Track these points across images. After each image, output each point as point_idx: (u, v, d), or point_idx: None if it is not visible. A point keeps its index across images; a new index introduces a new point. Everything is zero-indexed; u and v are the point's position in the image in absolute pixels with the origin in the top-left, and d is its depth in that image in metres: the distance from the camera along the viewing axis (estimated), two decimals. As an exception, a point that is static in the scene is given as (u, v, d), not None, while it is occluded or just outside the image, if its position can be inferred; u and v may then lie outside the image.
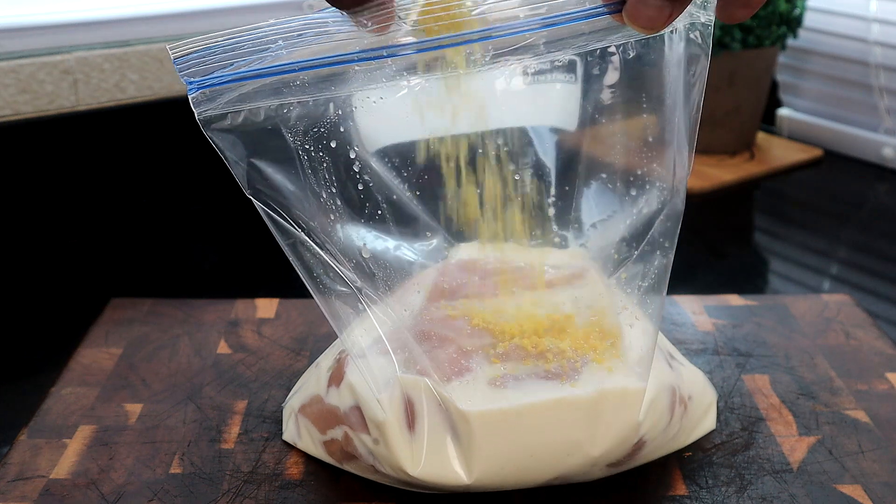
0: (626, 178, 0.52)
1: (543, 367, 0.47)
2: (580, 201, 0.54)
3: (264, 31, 0.42)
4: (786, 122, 1.12)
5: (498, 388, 0.46)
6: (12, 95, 0.76)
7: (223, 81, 0.42)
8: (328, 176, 0.47)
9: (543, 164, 0.54)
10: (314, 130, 0.46)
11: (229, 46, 0.42)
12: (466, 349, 0.48)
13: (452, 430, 0.46)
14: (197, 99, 0.43)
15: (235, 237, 0.86)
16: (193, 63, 0.42)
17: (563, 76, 0.52)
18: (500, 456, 0.46)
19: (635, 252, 0.50)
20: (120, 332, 0.63)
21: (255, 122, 0.44)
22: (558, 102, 0.53)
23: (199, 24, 0.84)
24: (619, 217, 0.52)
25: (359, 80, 0.43)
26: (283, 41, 0.42)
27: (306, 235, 0.46)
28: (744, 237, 0.91)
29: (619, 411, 0.46)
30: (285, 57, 0.42)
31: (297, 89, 0.43)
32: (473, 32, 0.42)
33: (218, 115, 0.44)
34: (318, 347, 0.61)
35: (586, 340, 0.49)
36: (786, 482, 0.49)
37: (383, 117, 0.47)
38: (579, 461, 0.46)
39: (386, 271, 0.50)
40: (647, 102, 0.49)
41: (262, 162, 0.46)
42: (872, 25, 1.00)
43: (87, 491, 0.48)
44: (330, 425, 0.50)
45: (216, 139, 0.44)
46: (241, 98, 0.43)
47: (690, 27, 0.45)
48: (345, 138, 0.47)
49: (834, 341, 0.62)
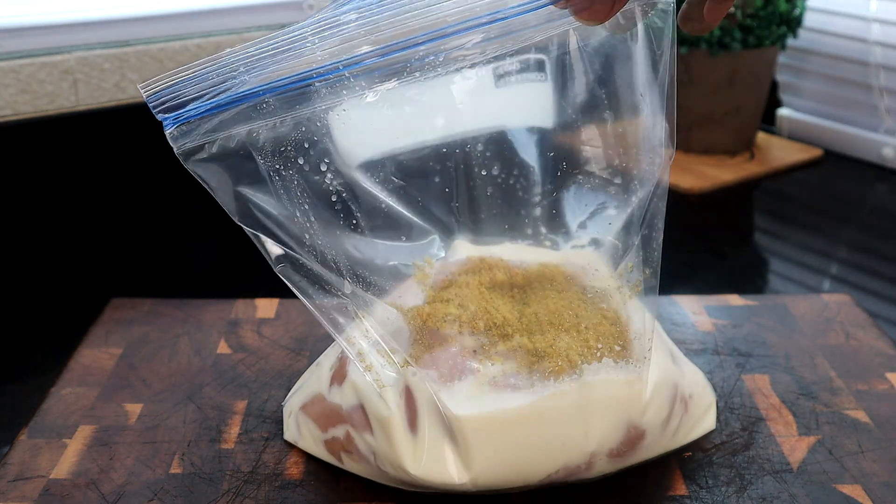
0: (609, 166, 0.52)
1: (542, 365, 0.47)
2: (567, 197, 0.54)
3: (225, 60, 0.43)
4: (786, 122, 1.12)
5: (494, 390, 0.46)
6: (12, 95, 0.76)
7: (199, 113, 0.43)
8: (301, 193, 0.47)
9: (526, 163, 0.54)
10: (282, 151, 0.46)
11: (197, 78, 0.43)
12: (467, 347, 0.48)
13: (449, 432, 0.46)
14: (173, 134, 0.44)
15: (235, 237, 0.86)
16: (166, 98, 0.43)
17: (532, 75, 0.52)
18: (497, 457, 0.46)
19: (636, 239, 0.51)
20: (120, 332, 0.63)
21: (230, 149, 0.45)
22: (530, 102, 0.53)
23: (200, 24, 0.84)
24: (613, 207, 0.52)
25: (322, 97, 0.43)
26: (244, 67, 0.43)
27: (296, 254, 0.47)
28: (744, 237, 0.91)
29: (617, 400, 0.46)
30: (250, 82, 0.43)
31: (265, 113, 0.44)
32: (422, 35, 0.42)
33: (196, 147, 0.45)
34: (318, 347, 0.61)
35: (587, 335, 0.49)
36: (786, 482, 0.49)
37: (354, 130, 0.47)
38: (577, 454, 0.46)
39: (380, 277, 0.50)
40: (617, 88, 0.50)
41: (243, 187, 0.47)
42: (872, 25, 1.00)
43: (87, 491, 0.48)
44: (332, 423, 0.50)
45: (198, 171, 0.45)
46: (215, 127, 0.44)
47: (646, 7, 0.46)
48: (316, 154, 0.47)
49: (834, 341, 0.62)
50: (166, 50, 0.82)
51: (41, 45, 0.77)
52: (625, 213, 0.51)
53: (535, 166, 0.54)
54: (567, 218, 0.55)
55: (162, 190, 0.90)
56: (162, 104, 0.43)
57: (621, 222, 0.51)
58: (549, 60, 0.51)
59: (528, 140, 0.54)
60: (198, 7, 0.84)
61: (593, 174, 0.53)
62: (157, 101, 0.43)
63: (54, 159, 0.84)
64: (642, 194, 0.50)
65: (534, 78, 0.52)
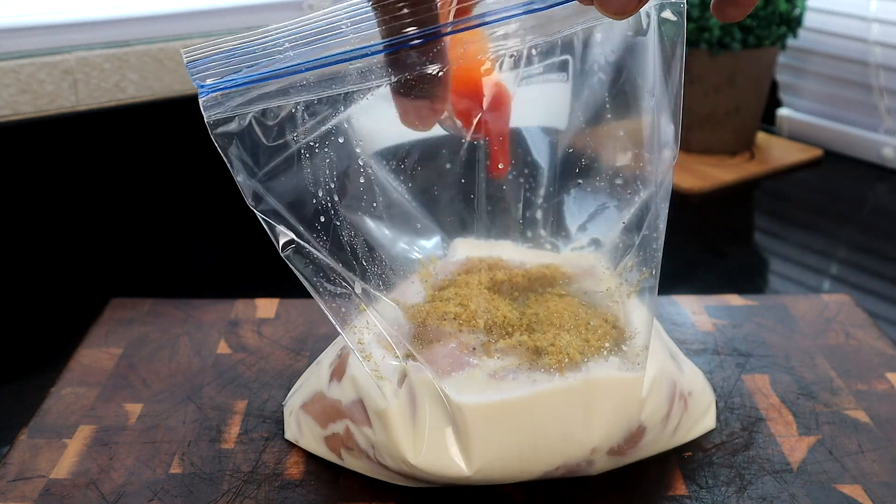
0: (614, 167, 0.52)
1: (543, 361, 0.47)
2: (570, 198, 0.54)
3: (272, 36, 0.43)
4: (786, 122, 1.12)
5: (496, 381, 0.46)
6: (12, 95, 0.76)
7: (236, 84, 0.44)
8: (329, 173, 0.47)
9: (537, 163, 0.54)
10: (318, 129, 0.46)
11: (240, 51, 0.44)
12: (466, 344, 0.48)
13: (451, 421, 0.46)
14: (207, 102, 0.44)
15: (235, 237, 0.86)
16: (207, 67, 0.43)
17: (555, 76, 0.52)
18: (498, 447, 0.46)
19: (637, 239, 0.51)
20: (120, 332, 0.64)
21: (262, 124, 0.45)
22: (548, 102, 0.53)
23: (200, 24, 0.84)
24: (617, 206, 0.52)
25: (354, 79, 0.44)
26: (290, 44, 0.43)
27: (305, 241, 0.47)
28: (744, 237, 0.91)
29: (618, 397, 0.46)
30: (293, 59, 0.43)
31: (301, 89, 0.44)
32: (456, 22, 0.42)
33: (226, 118, 0.45)
34: (318, 347, 0.61)
35: (588, 335, 0.49)
36: (786, 482, 0.49)
37: (380, 117, 0.47)
38: (578, 449, 0.46)
39: (385, 269, 0.50)
40: (629, 89, 0.50)
41: (265, 165, 0.46)
42: (872, 25, 1.00)
43: (87, 491, 0.48)
44: (331, 419, 0.50)
45: (223, 142, 0.45)
46: (249, 101, 0.44)
47: (661, 7, 0.46)
48: (348, 135, 0.48)
49: (834, 341, 0.62)
50: (166, 50, 0.82)
51: (41, 45, 0.77)
52: (627, 213, 0.51)
53: (544, 166, 0.54)
54: (569, 218, 0.55)
55: (162, 190, 0.90)
56: (201, 71, 0.43)
57: (623, 222, 0.51)
58: (571, 60, 0.52)
59: (540, 139, 0.54)
60: (198, 7, 0.84)
61: (598, 174, 0.53)
62: (197, 68, 0.43)
63: (54, 159, 0.84)
64: (645, 195, 0.50)
65: (555, 78, 0.52)
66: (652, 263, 0.50)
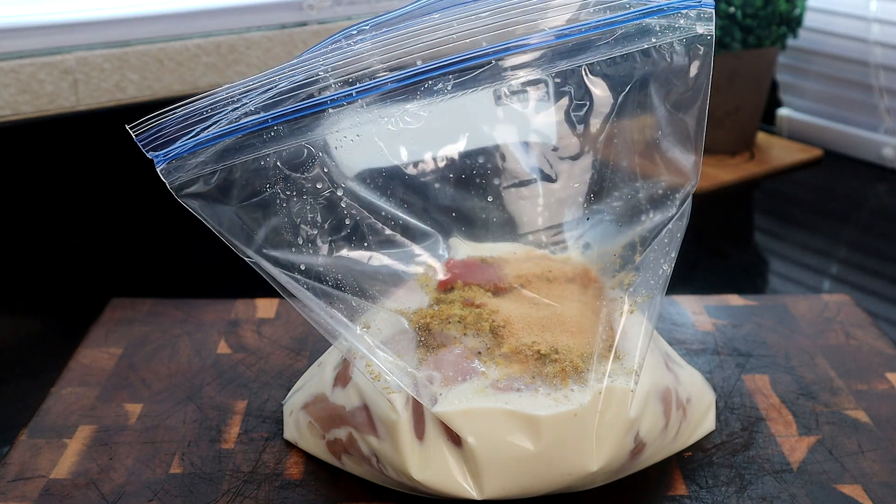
0: (631, 186, 0.52)
1: (547, 370, 0.47)
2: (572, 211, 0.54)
3: (218, 94, 0.44)
4: (786, 122, 1.12)
5: (499, 393, 0.46)
6: (12, 95, 0.76)
7: (186, 150, 0.44)
8: (310, 214, 0.47)
9: (531, 176, 0.54)
10: (291, 175, 0.46)
11: (186, 114, 0.44)
12: (472, 348, 0.48)
13: (454, 443, 0.46)
14: (166, 170, 0.44)
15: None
16: (154, 136, 0.44)
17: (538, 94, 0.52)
18: (505, 479, 0.45)
19: (637, 258, 0.51)
20: (120, 332, 0.64)
21: (229, 179, 0.45)
22: (548, 121, 0.53)
23: (200, 24, 0.84)
24: (623, 223, 0.52)
25: (331, 121, 0.43)
26: (232, 102, 0.43)
27: (303, 277, 0.47)
28: (744, 237, 0.91)
29: (614, 419, 0.46)
30: (254, 112, 0.43)
31: (270, 141, 0.44)
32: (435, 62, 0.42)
33: (190, 180, 0.45)
34: (318, 347, 0.61)
35: (585, 344, 0.48)
36: (786, 482, 0.49)
37: (362, 150, 0.47)
38: (580, 477, 0.46)
39: (385, 285, 0.50)
40: (651, 114, 0.50)
41: (243, 215, 0.46)
42: (872, 25, 1.00)
43: (87, 491, 0.48)
44: (334, 424, 0.50)
45: (192, 204, 0.45)
46: (213, 159, 0.44)
47: (689, 40, 0.46)
48: (323, 175, 0.47)
49: (834, 341, 0.62)
50: (166, 50, 0.82)
51: (41, 45, 0.77)
52: (636, 231, 0.51)
53: (539, 178, 0.54)
54: (567, 231, 0.55)
55: (162, 190, 0.90)
56: (151, 142, 0.44)
57: (631, 238, 0.51)
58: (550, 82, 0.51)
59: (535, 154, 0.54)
60: (198, 7, 0.84)
61: (607, 193, 0.53)
62: (147, 140, 0.44)
63: (54, 159, 0.84)
64: (658, 218, 0.50)
65: (538, 96, 0.52)
66: (655, 289, 0.49)
